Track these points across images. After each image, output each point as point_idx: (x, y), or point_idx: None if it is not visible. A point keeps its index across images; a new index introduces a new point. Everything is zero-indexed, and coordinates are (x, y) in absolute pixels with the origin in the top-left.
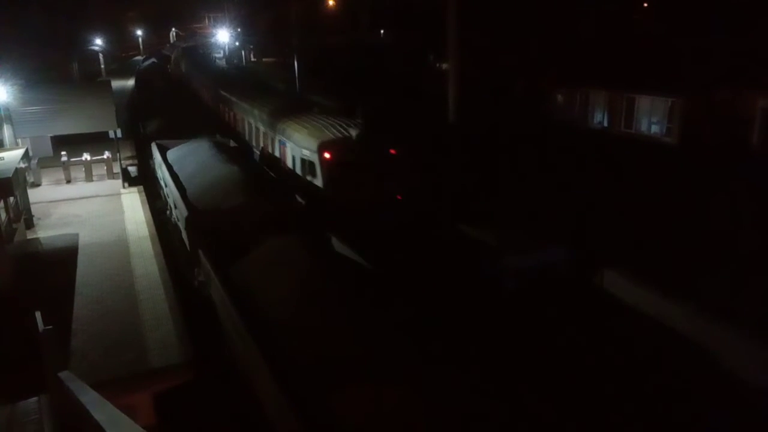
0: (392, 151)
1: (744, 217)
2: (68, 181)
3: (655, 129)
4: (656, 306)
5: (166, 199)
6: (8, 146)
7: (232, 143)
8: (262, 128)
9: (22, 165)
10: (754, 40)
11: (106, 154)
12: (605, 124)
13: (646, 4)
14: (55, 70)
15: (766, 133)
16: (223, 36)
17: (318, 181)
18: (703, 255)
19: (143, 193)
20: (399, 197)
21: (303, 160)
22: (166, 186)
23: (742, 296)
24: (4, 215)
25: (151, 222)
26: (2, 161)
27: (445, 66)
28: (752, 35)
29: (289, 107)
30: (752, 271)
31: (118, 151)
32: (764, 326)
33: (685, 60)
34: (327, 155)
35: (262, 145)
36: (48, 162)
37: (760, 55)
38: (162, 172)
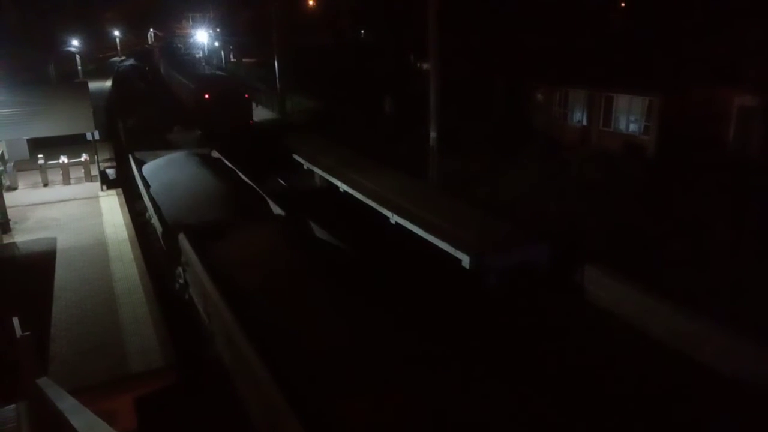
0: (246, 96)
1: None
2: (45, 185)
3: (633, 128)
4: (638, 303)
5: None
6: None
7: (310, 223)
8: (179, 82)
9: None
10: (730, 38)
11: (84, 157)
12: (584, 122)
13: (623, 4)
14: (31, 71)
15: (742, 130)
16: (201, 36)
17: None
18: (680, 250)
19: (122, 196)
20: (251, 122)
21: (200, 96)
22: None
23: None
24: None
25: (131, 225)
26: None
27: (425, 66)
28: (728, 34)
29: (197, 74)
30: (730, 266)
31: (96, 154)
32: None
33: (663, 59)
34: (206, 96)
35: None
36: (24, 165)
37: (736, 53)
38: (215, 300)
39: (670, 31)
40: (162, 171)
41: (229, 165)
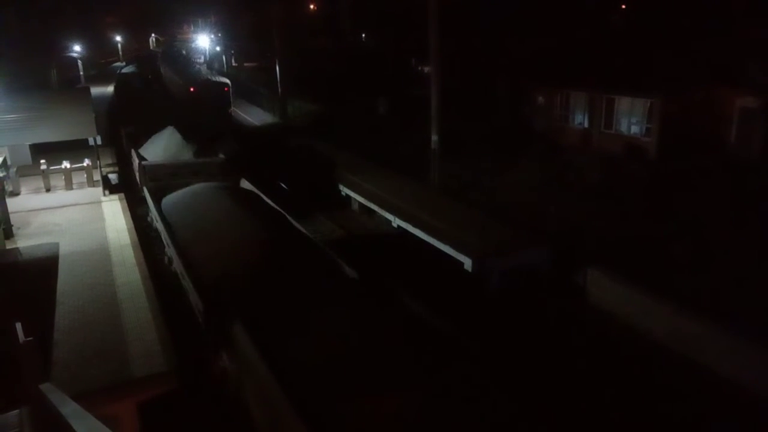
0: (225, 89)
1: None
2: (48, 190)
3: (634, 129)
4: (640, 305)
5: None
6: None
7: None
8: (172, 80)
9: (0, 174)
10: (731, 39)
11: (86, 162)
12: (585, 124)
13: (624, 6)
14: (33, 77)
15: (743, 132)
16: (203, 41)
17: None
18: (682, 253)
19: (124, 201)
20: (230, 110)
21: (186, 89)
22: None
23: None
24: None
25: (133, 230)
26: None
27: (427, 69)
28: (729, 35)
29: (184, 70)
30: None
31: (98, 159)
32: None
33: (664, 60)
34: (192, 89)
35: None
36: (27, 170)
37: (737, 54)
38: None
39: (670, 32)
40: (187, 211)
41: (269, 202)
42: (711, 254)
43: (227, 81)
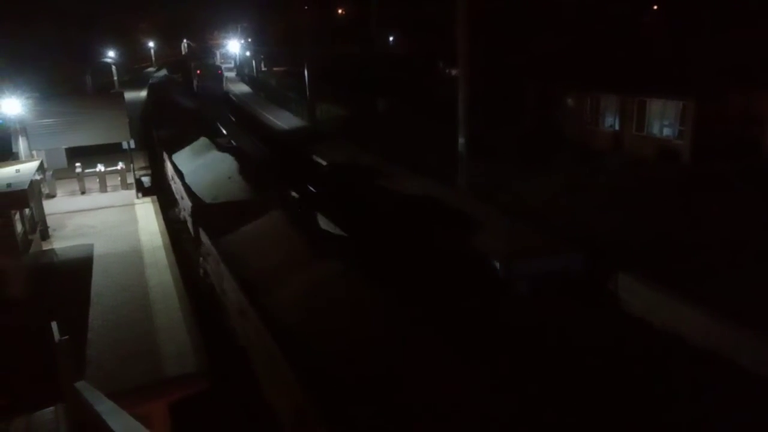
0: (219, 72)
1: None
2: (83, 192)
3: (667, 132)
4: (672, 311)
5: None
6: (24, 159)
7: None
8: (193, 70)
9: (38, 177)
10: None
11: (120, 165)
12: (616, 127)
13: (656, 6)
14: (68, 82)
15: None
16: (233, 46)
17: (195, 80)
18: (716, 259)
19: (156, 203)
20: (224, 87)
21: (195, 72)
22: None
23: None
24: (20, 227)
25: (165, 232)
26: (18, 173)
27: (454, 72)
28: (763, 36)
29: (199, 64)
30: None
31: (132, 162)
32: None
33: (697, 62)
34: (198, 72)
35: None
36: (62, 173)
37: None
38: None
39: (703, 34)
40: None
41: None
42: (747, 260)
43: (221, 67)
